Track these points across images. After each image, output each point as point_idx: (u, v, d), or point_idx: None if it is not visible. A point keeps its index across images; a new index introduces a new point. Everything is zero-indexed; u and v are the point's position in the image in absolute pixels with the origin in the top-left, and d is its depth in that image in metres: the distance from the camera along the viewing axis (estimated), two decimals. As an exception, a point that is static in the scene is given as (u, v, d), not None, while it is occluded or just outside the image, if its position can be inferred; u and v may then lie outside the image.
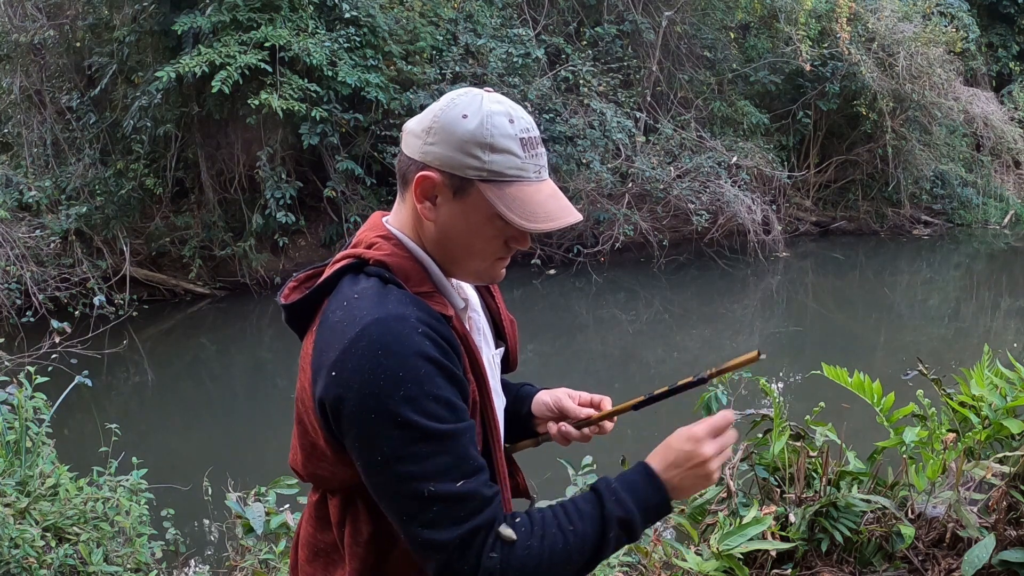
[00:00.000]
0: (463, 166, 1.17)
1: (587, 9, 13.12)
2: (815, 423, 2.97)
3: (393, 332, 1.11)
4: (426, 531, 1.11)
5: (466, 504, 1.12)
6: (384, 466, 1.11)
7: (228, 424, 7.47)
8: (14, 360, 5.88)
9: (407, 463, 1.10)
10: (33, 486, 3.38)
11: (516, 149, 1.18)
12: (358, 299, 1.16)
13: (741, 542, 2.51)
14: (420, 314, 1.15)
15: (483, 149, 1.17)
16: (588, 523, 1.19)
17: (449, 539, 1.11)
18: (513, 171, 1.18)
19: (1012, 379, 2.90)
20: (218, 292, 10.94)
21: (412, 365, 1.10)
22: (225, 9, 9.71)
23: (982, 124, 14.48)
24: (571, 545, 1.17)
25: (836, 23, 13.19)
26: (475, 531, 1.12)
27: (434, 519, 1.11)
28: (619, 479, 1.25)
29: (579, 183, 11.47)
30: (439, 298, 1.22)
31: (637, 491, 1.23)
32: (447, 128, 1.18)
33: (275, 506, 3.06)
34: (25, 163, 11.25)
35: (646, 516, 1.23)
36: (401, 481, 1.11)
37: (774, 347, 9.31)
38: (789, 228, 13.55)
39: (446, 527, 1.11)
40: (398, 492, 1.12)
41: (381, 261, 1.21)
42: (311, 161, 11.36)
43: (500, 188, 1.18)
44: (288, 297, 1.28)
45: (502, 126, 1.18)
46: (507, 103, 1.21)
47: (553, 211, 1.20)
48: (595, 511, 1.20)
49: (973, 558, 2.47)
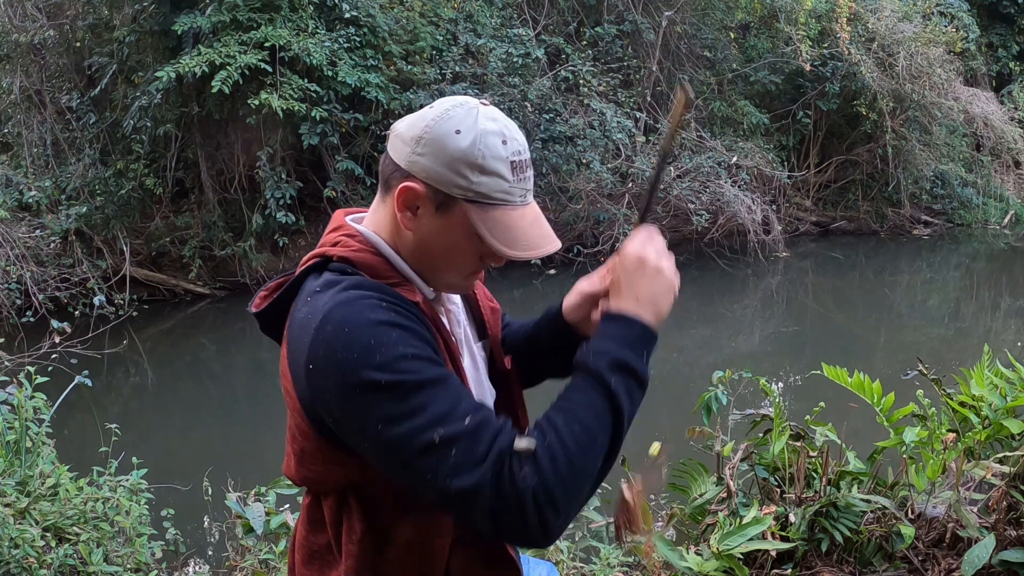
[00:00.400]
0: (450, 183, 1.15)
1: (587, 9, 13.12)
2: (815, 423, 2.98)
3: (355, 308, 1.10)
4: (455, 480, 1.05)
5: (482, 437, 1.07)
6: (388, 434, 1.07)
7: (228, 424, 7.47)
8: (14, 360, 5.88)
9: (409, 420, 1.06)
10: (33, 486, 3.38)
11: (506, 173, 1.16)
12: (319, 291, 1.16)
13: (741, 542, 2.51)
14: (382, 294, 1.13)
15: (472, 170, 1.15)
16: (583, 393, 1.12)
17: (481, 478, 1.05)
18: (500, 195, 1.17)
19: (1012, 379, 2.90)
20: (218, 292, 10.94)
21: (380, 332, 1.08)
22: (225, 9, 9.72)
23: (982, 124, 14.48)
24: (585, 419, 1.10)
25: (836, 23, 13.20)
26: (501, 459, 1.06)
27: (457, 464, 1.05)
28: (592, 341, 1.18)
29: (579, 183, 11.48)
30: (407, 286, 1.20)
31: (607, 334, 1.17)
32: (438, 141, 1.15)
33: (275, 506, 3.06)
34: (25, 163, 11.26)
35: (634, 348, 1.16)
36: (409, 440, 1.06)
37: (774, 347, 9.31)
38: (789, 228, 13.56)
39: (471, 467, 1.05)
40: (411, 454, 1.07)
41: (344, 257, 1.20)
42: (311, 161, 11.36)
43: (484, 211, 1.16)
44: (259, 306, 1.27)
45: (495, 147, 1.16)
46: (502, 120, 1.20)
47: (534, 239, 1.19)
48: (582, 379, 1.14)
49: (973, 558, 2.47)
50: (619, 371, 1.13)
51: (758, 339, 9.69)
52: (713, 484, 2.99)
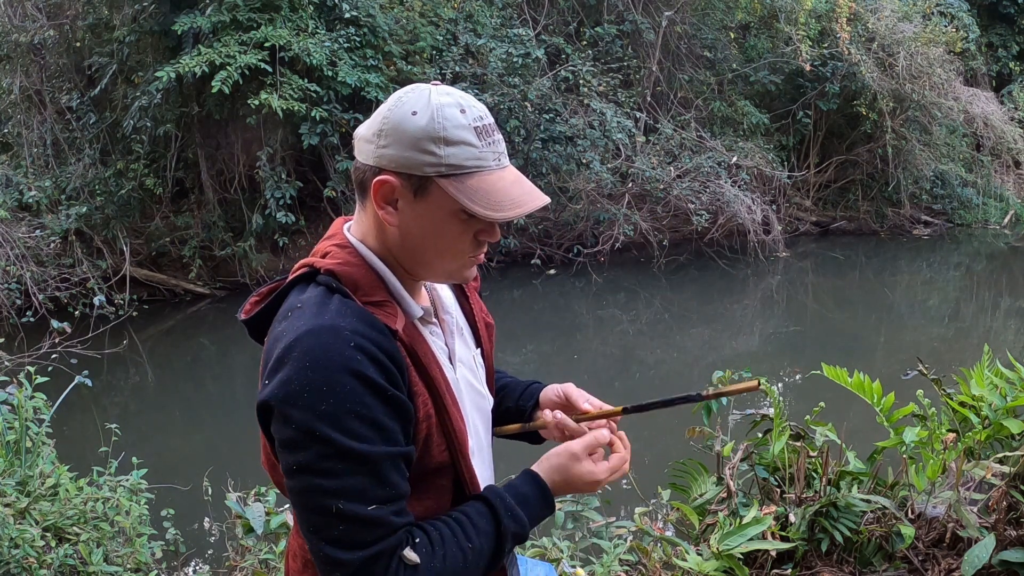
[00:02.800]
0: (420, 164, 1.14)
1: (587, 9, 13.12)
2: (815, 423, 2.97)
3: (323, 345, 1.09)
4: (328, 547, 1.11)
5: (373, 529, 1.11)
6: (298, 475, 1.11)
7: (228, 424, 7.47)
8: (14, 360, 5.88)
9: (319, 477, 1.09)
10: (33, 486, 3.38)
11: (472, 139, 1.15)
12: (300, 309, 1.15)
13: (741, 542, 2.51)
14: (358, 326, 1.12)
15: (437, 143, 1.13)
16: (485, 540, 1.20)
17: (350, 560, 1.10)
18: (472, 162, 1.15)
19: (1012, 379, 2.90)
20: (218, 292, 10.94)
21: (337, 380, 1.08)
22: (225, 9, 9.72)
23: (982, 124, 14.47)
24: (470, 562, 1.18)
25: (836, 23, 13.19)
26: (377, 556, 1.11)
27: (338, 537, 1.10)
28: (511, 491, 1.26)
29: (579, 183, 11.48)
30: (390, 308, 1.18)
31: (531, 505, 1.26)
32: (398, 128, 1.15)
33: (275, 506, 3.06)
34: (25, 163, 11.25)
35: (534, 524, 1.27)
36: (311, 493, 1.10)
37: (774, 347, 9.31)
38: (789, 228, 13.56)
39: (349, 548, 1.10)
40: (307, 504, 1.12)
41: (331, 270, 1.19)
42: (311, 161, 11.36)
43: (461, 181, 1.14)
44: (248, 312, 1.27)
45: (454, 117, 1.14)
46: (456, 94, 1.18)
47: (518, 197, 1.17)
48: (491, 527, 1.21)
49: (973, 558, 2.47)
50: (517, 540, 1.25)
51: (758, 339, 9.69)
52: (713, 484, 2.99)
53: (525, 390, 1.52)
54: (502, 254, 11.59)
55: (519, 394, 1.52)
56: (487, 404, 1.39)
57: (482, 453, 1.36)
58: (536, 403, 1.49)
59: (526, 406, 1.50)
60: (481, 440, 1.36)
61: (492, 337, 1.46)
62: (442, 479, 1.25)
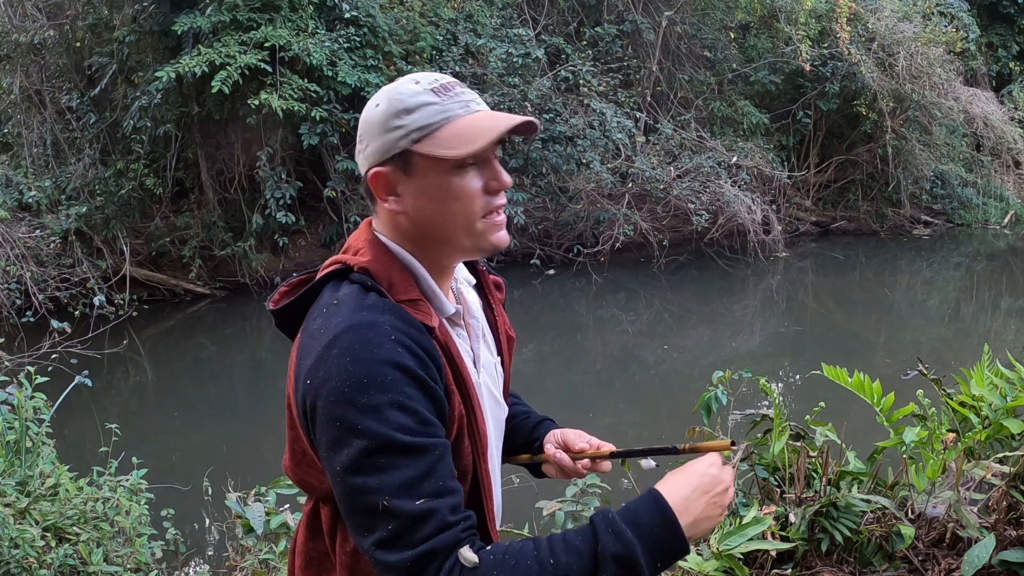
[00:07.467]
0: (393, 142, 1.17)
1: (587, 9, 13.12)
2: (815, 423, 2.97)
3: (363, 339, 1.08)
4: (380, 552, 1.05)
5: (424, 525, 1.04)
6: (343, 475, 1.07)
7: (228, 424, 7.47)
8: (14, 360, 5.88)
9: (364, 474, 1.05)
10: (33, 486, 3.38)
11: (430, 99, 1.16)
12: (336, 305, 1.15)
13: (741, 542, 2.51)
14: (396, 322, 1.11)
15: (399, 116, 1.16)
16: (575, 558, 1.06)
17: (400, 561, 1.04)
18: (437, 116, 1.16)
19: (1012, 379, 2.90)
20: (218, 292, 10.94)
21: (378, 372, 1.06)
22: (225, 9, 9.72)
23: (982, 124, 14.48)
24: None
25: (836, 23, 13.20)
26: (430, 555, 1.04)
27: (387, 538, 1.05)
28: (622, 508, 1.13)
29: (579, 183, 11.48)
30: (424, 306, 1.18)
31: (640, 522, 1.10)
32: (368, 124, 1.20)
33: (275, 506, 3.06)
34: (25, 163, 11.25)
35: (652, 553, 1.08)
36: (357, 492, 1.06)
37: (774, 347, 9.31)
38: (789, 228, 13.56)
39: (398, 548, 1.04)
40: (355, 504, 1.07)
41: (365, 268, 1.19)
42: (311, 161, 11.36)
43: (433, 136, 1.15)
44: (277, 303, 1.26)
45: (408, 90, 1.18)
46: (415, 75, 1.21)
47: (497, 122, 1.16)
48: (586, 545, 1.07)
49: (973, 558, 2.47)
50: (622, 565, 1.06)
51: (758, 339, 9.69)
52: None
53: (537, 423, 1.53)
54: (502, 254, 11.59)
55: (529, 430, 1.52)
56: (502, 414, 1.39)
57: (494, 462, 1.35)
58: (541, 444, 1.49)
59: (533, 440, 1.50)
60: (494, 449, 1.36)
61: (512, 350, 1.46)
62: (463, 484, 1.23)
